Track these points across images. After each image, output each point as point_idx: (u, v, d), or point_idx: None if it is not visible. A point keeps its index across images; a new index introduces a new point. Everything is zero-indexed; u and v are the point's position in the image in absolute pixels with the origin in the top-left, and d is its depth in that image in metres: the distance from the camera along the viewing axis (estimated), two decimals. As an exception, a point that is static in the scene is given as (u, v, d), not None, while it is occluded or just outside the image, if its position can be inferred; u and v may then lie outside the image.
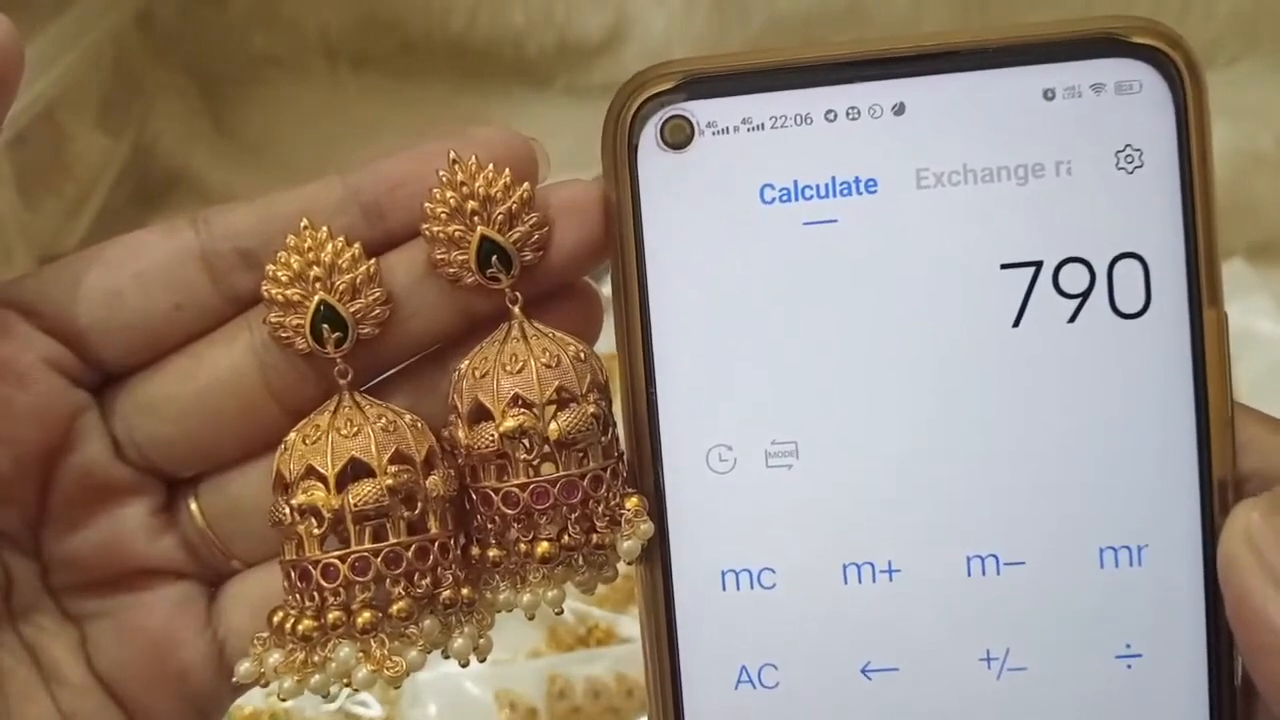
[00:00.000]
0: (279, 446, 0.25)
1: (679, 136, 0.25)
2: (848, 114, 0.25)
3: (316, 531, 0.24)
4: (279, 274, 0.24)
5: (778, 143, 0.25)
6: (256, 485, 0.26)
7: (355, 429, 0.24)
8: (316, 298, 0.24)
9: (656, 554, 0.25)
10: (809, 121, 0.25)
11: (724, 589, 0.26)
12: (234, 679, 0.24)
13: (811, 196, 0.25)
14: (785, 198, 0.25)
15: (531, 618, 0.25)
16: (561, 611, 0.25)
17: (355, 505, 0.24)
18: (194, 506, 0.26)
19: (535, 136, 0.26)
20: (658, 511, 0.25)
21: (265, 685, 0.24)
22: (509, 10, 0.67)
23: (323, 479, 0.24)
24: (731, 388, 0.26)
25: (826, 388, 0.25)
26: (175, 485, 0.27)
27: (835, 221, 0.25)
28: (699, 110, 0.25)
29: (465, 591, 0.24)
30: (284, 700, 0.24)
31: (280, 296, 0.24)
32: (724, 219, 0.25)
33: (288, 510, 0.24)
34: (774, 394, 0.25)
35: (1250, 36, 0.69)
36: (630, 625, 0.50)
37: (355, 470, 0.24)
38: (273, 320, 0.25)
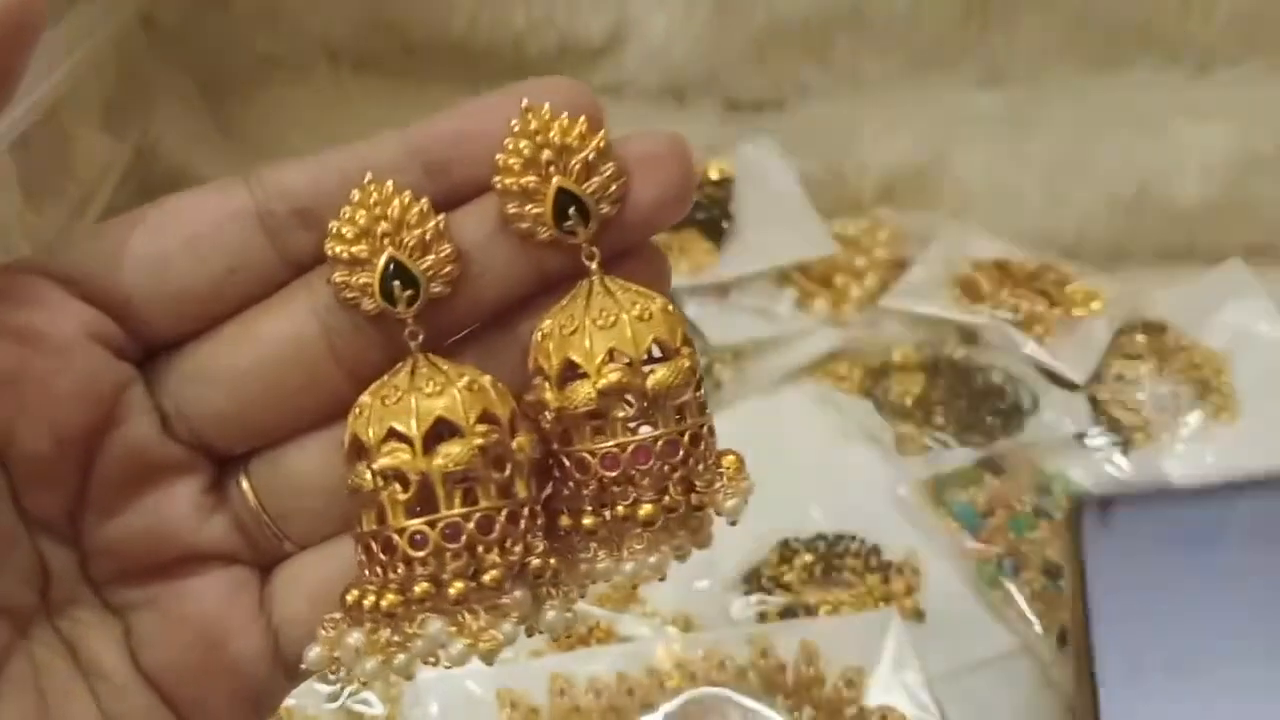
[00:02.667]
0: (351, 411, 0.23)
1: None
2: None
3: (402, 497, 0.22)
4: (344, 230, 0.23)
5: None
6: (315, 459, 0.24)
7: (439, 388, 0.22)
8: (386, 254, 0.22)
9: None
10: None
11: None
12: (303, 665, 0.23)
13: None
14: None
15: (635, 588, 0.24)
16: (664, 578, 0.23)
17: (445, 467, 0.22)
18: (245, 485, 0.25)
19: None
20: None
21: (335, 672, 0.22)
22: (510, 12, 0.68)
23: (407, 440, 0.22)
24: None
25: None
26: (224, 463, 0.25)
27: None
28: None
29: (554, 563, 0.23)
30: (364, 684, 0.22)
31: (346, 254, 0.23)
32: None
33: (369, 475, 0.22)
34: None
35: (1249, 38, 0.69)
36: (630, 624, 0.51)
37: (441, 431, 0.22)
38: (338, 280, 0.23)
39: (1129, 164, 0.67)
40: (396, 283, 0.23)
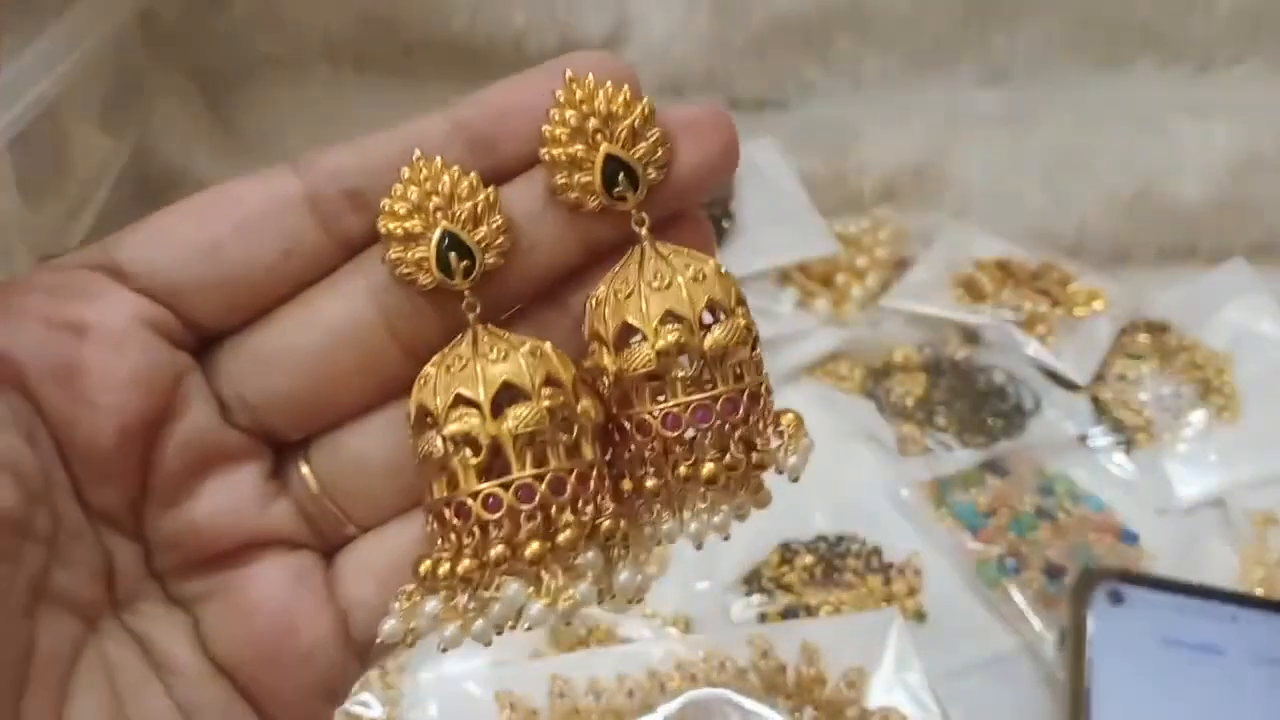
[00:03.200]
0: (415, 383, 0.23)
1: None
2: None
3: (473, 461, 0.22)
4: (396, 207, 0.23)
5: None
6: (375, 439, 0.24)
7: (502, 354, 0.23)
8: (440, 227, 0.23)
9: None
10: None
11: None
12: (379, 639, 0.23)
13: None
14: None
15: (699, 547, 0.23)
16: (728, 537, 0.23)
17: (515, 429, 0.22)
18: (305, 469, 0.25)
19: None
20: None
21: (411, 644, 0.22)
22: (510, 10, 0.67)
23: (475, 406, 0.22)
24: None
25: None
26: (284, 449, 0.25)
27: None
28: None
29: (624, 524, 0.23)
30: (444, 650, 0.22)
31: (400, 230, 0.23)
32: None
33: (440, 441, 0.22)
34: None
35: (1251, 36, 0.69)
36: (631, 626, 0.50)
37: (507, 396, 0.22)
38: (393, 256, 0.23)
39: (1131, 163, 0.67)
40: (453, 254, 0.23)
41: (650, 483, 0.23)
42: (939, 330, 0.64)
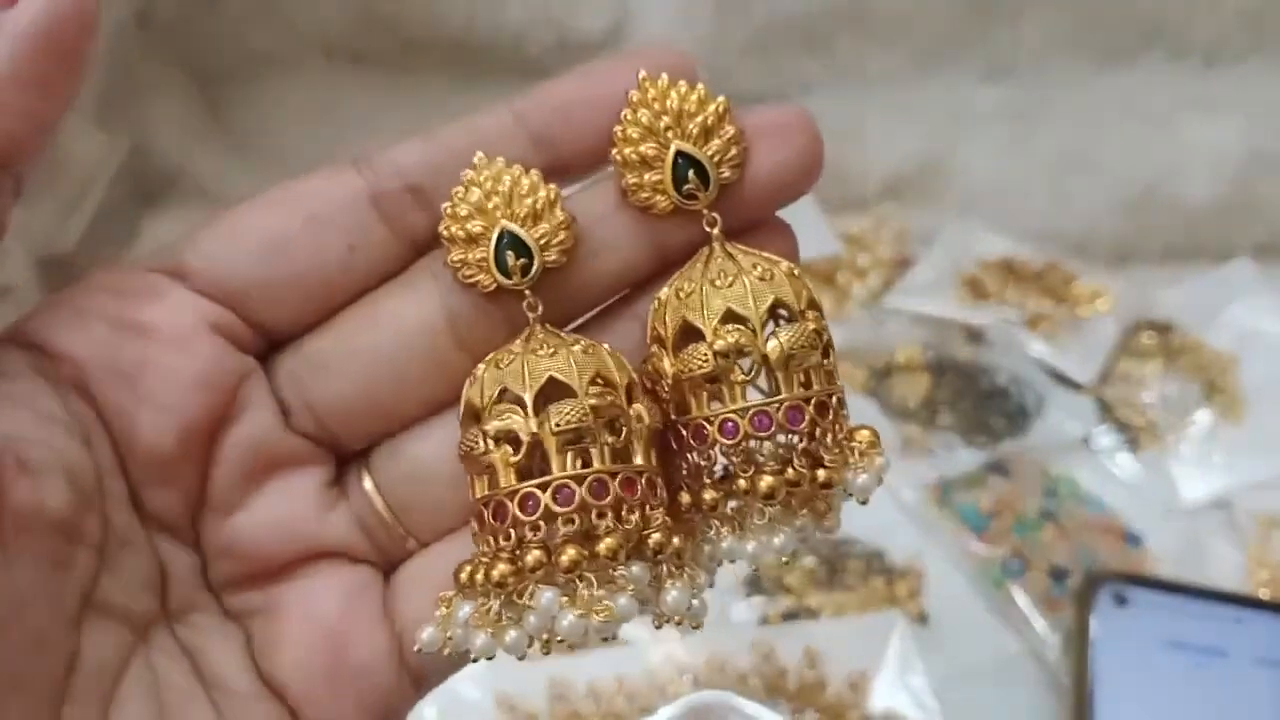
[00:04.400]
0: (467, 380, 0.22)
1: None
2: None
3: (514, 458, 0.21)
4: (458, 209, 0.23)
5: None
6: (437, 446, 0.23)
7: (552, 350, 0.22)
8: (499, 226, 0.22)
9: None
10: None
11: None
12: (416, 647, 0.22)
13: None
14: None
15: (755, 569, 0.22)
16: (789, 562, 0.22)
17: (556, 426, 0.21)
18: (366, 480, 0.24)
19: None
20: None
21: (450, 653, 0.21)
22: (507, 8, 0.67)
23: (519, 402, 0.21)
24: None
25: None
26: (345, 459, 0.24)
27: None
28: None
29: (676, 541, 0.21)
30: (475, 660, 0.21)
31: (461, 233, 0.22)
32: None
33: (481, 438, 0.21)
34: None
35: (1257, 33, 0.68)
36: (630, 628, 0.50)
37: (554, 393, 0.21)
38: (455, 259, 0.23)
39: (1135, 161, 0.66)
40: (510, 253, 0.22)
41: (707, 495, 0.22)
42: (942, 330, 0.63)
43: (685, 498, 0.22)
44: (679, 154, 0.23)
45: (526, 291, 0.23)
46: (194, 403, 0.22)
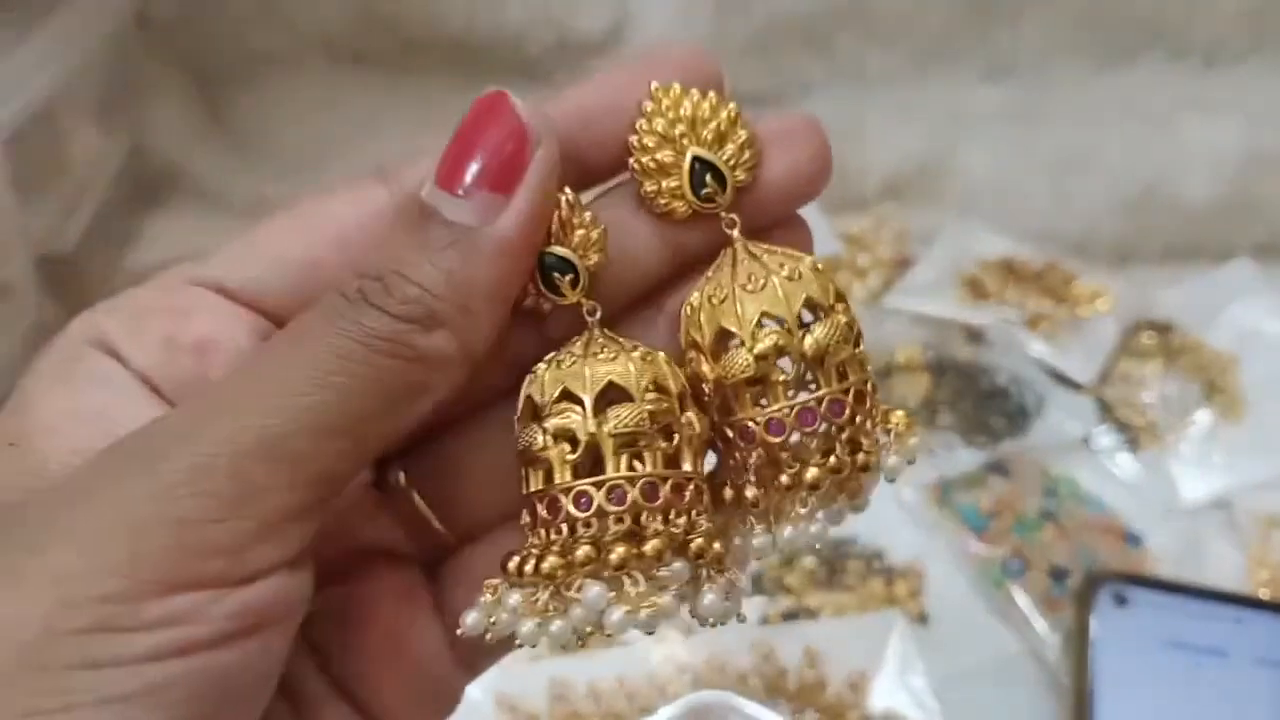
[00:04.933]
0: (526, 378, 0.23)
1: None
2: None
3: (570, 457, 0.22)
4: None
5: None
6: (475, 446, 0.24)
7: (613, 355, 0.23)
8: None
9: None
10: None
11: None
12: (460, 631, 0.22)
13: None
14: None
15: (790, 562, 0.23)
16: (820, 547, 0.23)
17: (614, 429, 0.22)
18: (403, 479, 0.25)
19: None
20: None
21: (492, 639, 0.22)
22: (507, 8, 0.67)
23: (579, 402, 0.22)
24: None
25: None
26: (383, 462, 0.25)
27: None
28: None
29: (718, 546, 0.22)
30: (520, 646, 0.22)
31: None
32: None
33: (540, 434, 0.22)
34: None
35: (1257, 33, 0.68)
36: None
37: (611, 396, 0.22)
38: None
39: (1135, 161, 0.66)
40: (555, 274, 0.23)
41: (750, 492, 0.23)
42: (942, 330, 0.63)
43: (729, 494, 0.23)
44: (695, 159, 0.23)
45: (582, 299, 0.23)
46: None
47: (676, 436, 0.22)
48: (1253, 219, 0.67)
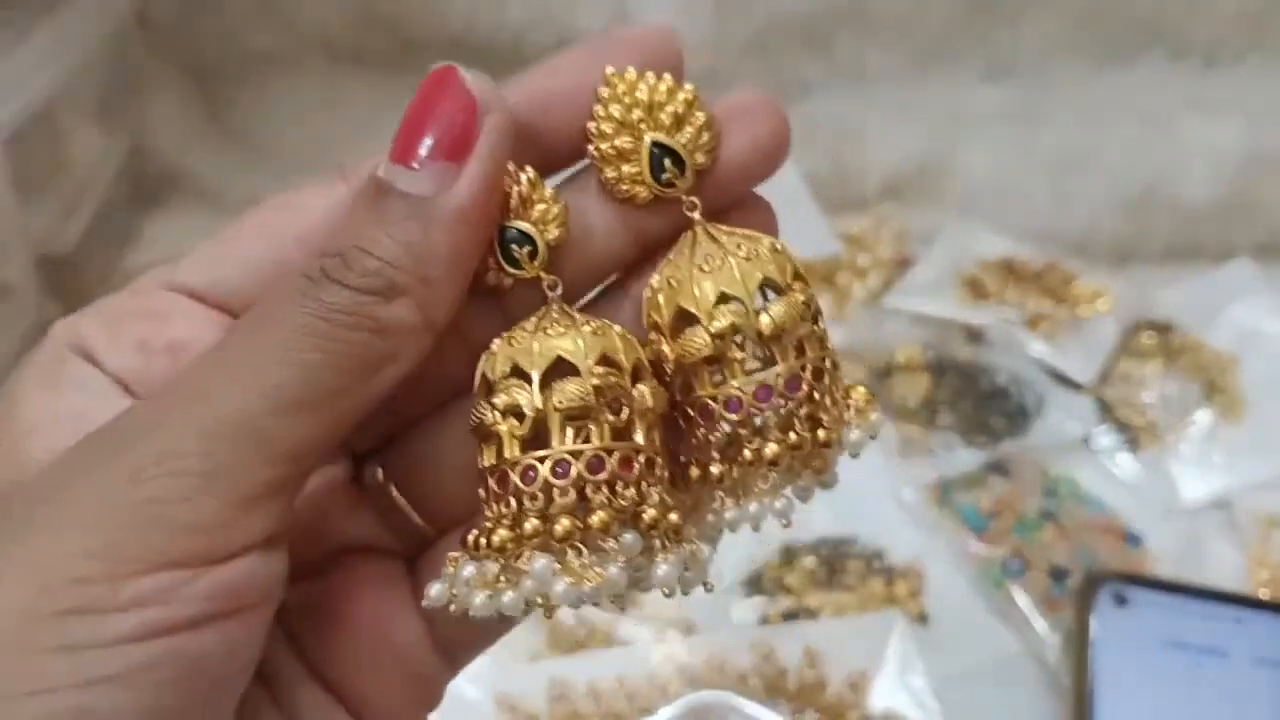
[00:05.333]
0: (483, 355, 0.23)
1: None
2: None
3: (518, 432, 0.22)
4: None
5: None
6: (447, 436, 0.24)
7: (564, 330, 0.23)
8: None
9: None
10: None
11: None
12: (424, 603, 0.23)
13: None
14: None
15: (757, 529, 0.23)
16: (789, 524, 0.23)
17: (559, 403, 0.22)
18: (380, 474, 0.25)
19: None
20: None
21: (457, 611, 0.22)
22: (507, 8, 0.67)
23: (527, 378, 0.22)
24: None
25: None
26: (360, 459, 0.26)
27: None
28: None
29: (673, 518, 0.22)
30: (474, 617, 0.22)
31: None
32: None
33: (489, 410, 0.23)
34: None
35: (1256, 33, 0.68)
36: (630, 628, 0.50)
37: (561, 371, 0.23)
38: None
39: (1135, 161, 0.66)
40: (514, 245, 0.23)
41: (715, 469, 0.23)
42: (942, 330, 0.63)
43: (694, 472, 0.23)
44: (654, 144, 0.23)
45: (541, 273, 0.23)
46: None
47: (627, 410, 0.23)
48: (1253, 219, 0.67)
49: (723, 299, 0.23)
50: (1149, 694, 0.46)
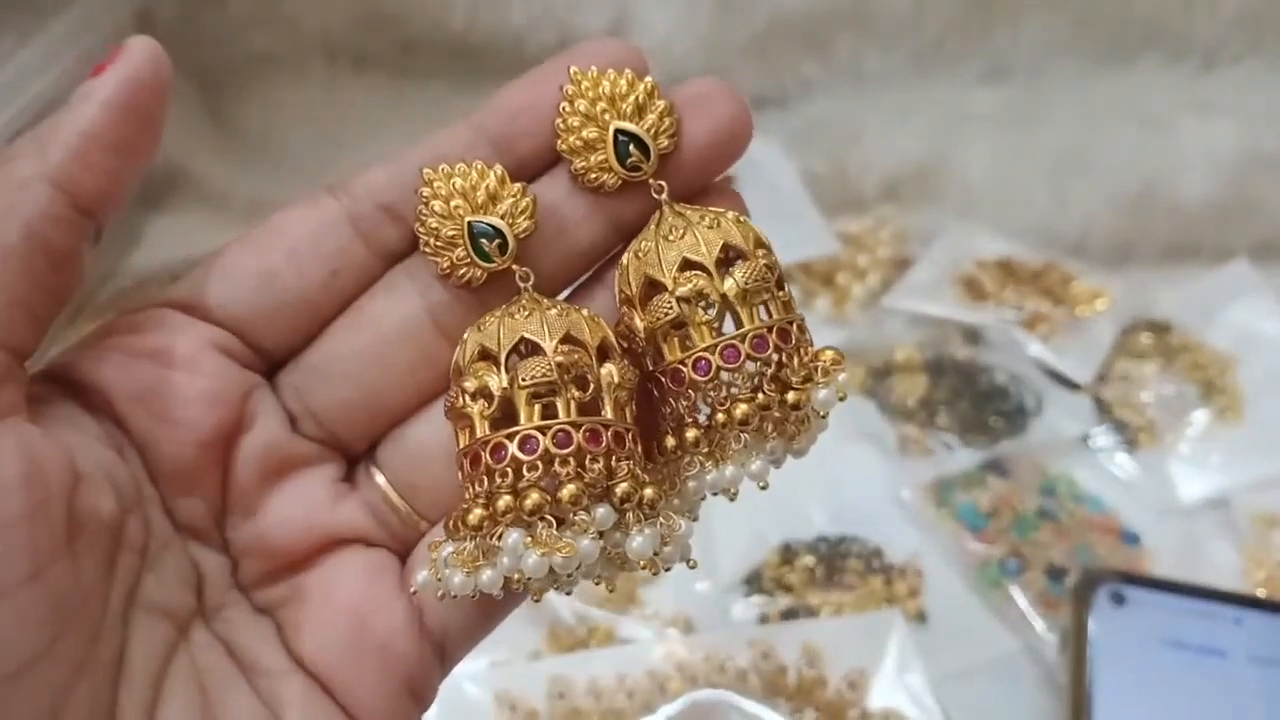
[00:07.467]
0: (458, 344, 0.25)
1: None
2: None
3: (488, 413, 0.23)
4: (427, 219, 0.25)
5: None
6: (436, 429, 0.26)
7: (528, 313, 0.24)
8: (466, 220, 0.24)
9: None
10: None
11: None
12: (411, 590, 0.24)
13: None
14: None
15: (733, 497, 0.24)
16: (766, 486, 0.24)
17: (524, 380, 0.23)
18: (376, 474, 0.26)
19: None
20: None
21: (442, 597, 0.23)
22: (509, 8, 0.67)
23: (495, 360, 0.23)
24: None
25: None
26: (354, 458, 0.27)
27: None
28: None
29: (648, 491, 0.23)
30: (454, 597, 0.23)
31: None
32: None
33: (459, 393, 0.23)
34: None
35: (1254, 35, 0.68)
36: (630, 626, 0.50)
37: (528, 352, 0.24)
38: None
39: (1133, 162, 0.67)
40: (484, 240, 0.24)
41: (691, 433, 0.23)
42: (941, 330, 0.63)
43: (670, 441, 0.24)
44: (618, 132, 0.24)
45: (513, 265, 0.25)
46: (207, 416, 0.25)
47: (593, 385, 0.23)
48: (1251, 219, 0.67)
49: (686, 265, 0.24)
50: (1146, 693, 0.46)
